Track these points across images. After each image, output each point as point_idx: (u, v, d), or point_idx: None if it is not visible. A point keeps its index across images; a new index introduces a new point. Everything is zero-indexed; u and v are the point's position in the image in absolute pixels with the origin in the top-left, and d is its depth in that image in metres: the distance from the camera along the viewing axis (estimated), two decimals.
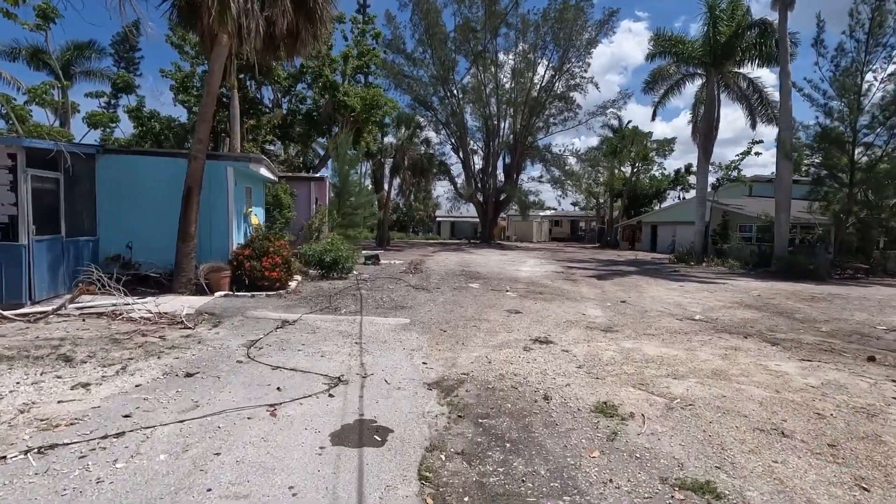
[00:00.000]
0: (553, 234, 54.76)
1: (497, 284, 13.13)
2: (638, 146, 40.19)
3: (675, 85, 24.52)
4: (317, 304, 9.04)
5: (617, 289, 13.29)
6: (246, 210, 11.07)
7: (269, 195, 14.38)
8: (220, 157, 9.90)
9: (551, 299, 10.94)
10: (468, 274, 15.58)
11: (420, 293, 10.99)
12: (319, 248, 12.34)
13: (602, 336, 7.53)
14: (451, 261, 20.95)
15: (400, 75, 33.70)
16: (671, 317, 9.45)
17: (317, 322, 7.48)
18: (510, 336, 7.19)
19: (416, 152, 27.27)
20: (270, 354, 5.62)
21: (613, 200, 43.28)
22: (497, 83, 36.33)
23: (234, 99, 19.95)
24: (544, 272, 17.24)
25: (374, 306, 9.05)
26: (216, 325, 6.99)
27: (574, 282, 14.57)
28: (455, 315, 8.54)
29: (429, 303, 9.67)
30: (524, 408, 4.37)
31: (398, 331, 7.16)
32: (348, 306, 8.91)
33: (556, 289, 12.80)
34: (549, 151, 37.78)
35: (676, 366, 5.96)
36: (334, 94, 21.34)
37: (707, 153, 22.05)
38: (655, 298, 11.77)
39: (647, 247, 35.81)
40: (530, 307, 9.72)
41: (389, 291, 11.03)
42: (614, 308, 10.18)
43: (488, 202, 38.44)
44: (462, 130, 37.30)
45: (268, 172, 11.86)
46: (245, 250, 9.47)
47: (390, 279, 13.35)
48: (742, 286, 14.44)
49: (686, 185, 44.31)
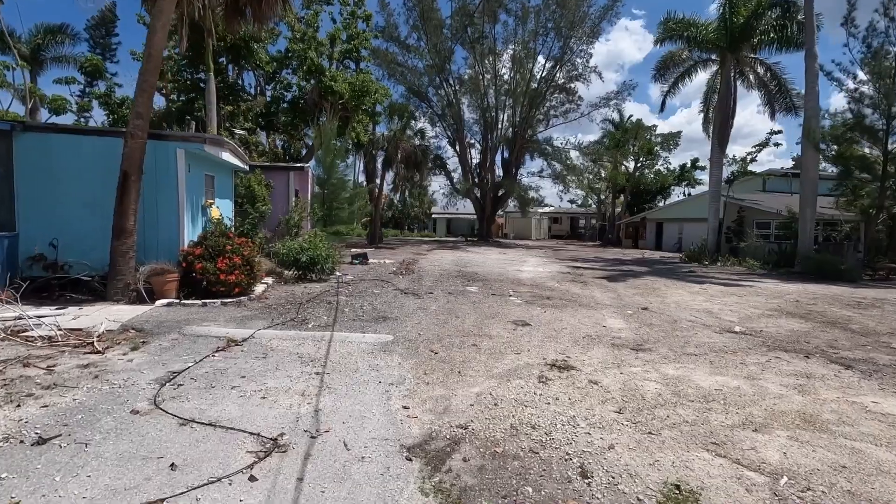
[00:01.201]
0: (552, 232, 53.25)
1: (498, 288, 11.56)
2: (641, 140, 38.66)
3: (687, 72, 22.94)
4: (281, 314, 7.44)
5: (633, 292, 11.75)
6: (205, 202, 9.46)
7: (241, 186, 12.76)
8: (166, 136, 8.28)
9: (562, 306, 9.38)
10: (465, 275, 14.00)
11: (409, 299, 9.40)
12: (294, 245, 10.73)
13: (634, 357, 5.98)
14: (446, 260, 19.36)
15: (393, 64, 31.95)
16: (707, 328, 7.93)
17: (273, 341, 5.88)
18: (519, 359, 5.63)
19: (409, 144, 25.63)
20: (189, 397, 4.02)
21: (616, 196, 41.73)
22: (495, 73, 34.71)
23: (210, 83, 18.28)
24: (549, 273, 15.68)
25: (352, 317, 7.45)
26: (137, 346, 5.38)
27: (583, 284, 13.02)
28: (450, 329, 6.96)
29: (419, 312, 8.08)
30: (554, 495, 2.81)
31: (377, 353, 5.58)
32: (319, 318, 7.31)
33: (564, 293, 11.24)
34: (550, 145, 36.20)
35: (747, 406, 4.42)
36: (320, 78, 19.67)
37: (722, 144, 20.52)
38: (680, 305, 10.23)
39: (652, 245, 34.32)
40: (539, 317, 8.15)
41: (373, 297, 9.43)
42: (637, 317, 8.64)
43: (486, 198, 36.83)
44: (459, 123, 35.66)
45: (233, 158, 10.24)
46: (196, 249, 7.85)
47: (377, 281, 11.76)
48: (772, 289, 12.92)
49: (692, 181, 42.81)
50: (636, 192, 41.14)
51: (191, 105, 21.14)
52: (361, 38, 22.54)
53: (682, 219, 31.08)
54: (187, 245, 8.16)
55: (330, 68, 20.56)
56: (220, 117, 18.66)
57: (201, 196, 9.42)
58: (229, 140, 9.93)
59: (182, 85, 21.40)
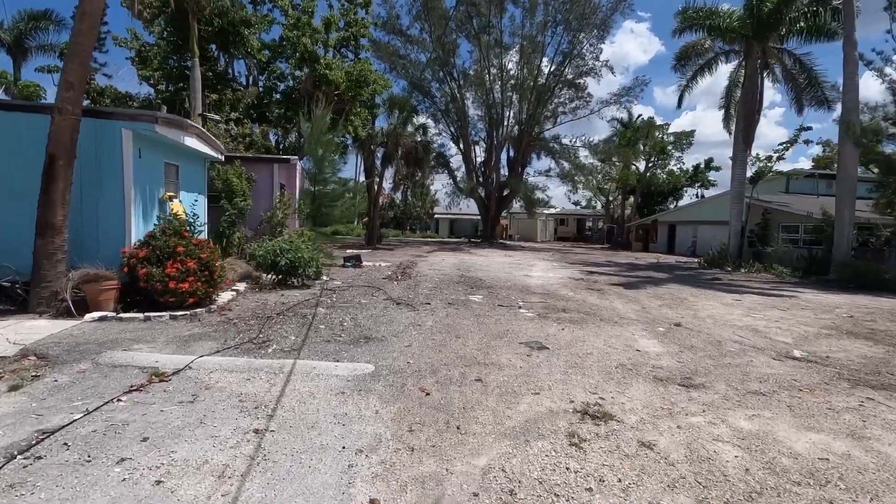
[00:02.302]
0: (558, 234, 51.70)
1: (505, 297, 10.14)
2: (652, 139, 37.12)
3: (707, 65, 21.45)
4: (240, 332, 6.04)
5: (659, 303, 10.30)
6: (164, 195, 8.08)
7: (219, 180, 11.41)
8: (109, 113, 6.87)
9: (581, 321, 7.96)
10: (468, 281, 12.59)
11: (402, 311, 7.99)
12: (271, 246, 9.34)
13: (686, 398, 4.59)
14: (447, 263, 17.95)
15: (395, 56, 30.51)
16: (760, 353, 6.51)
17: (214, 374, 4.48)
18: (540, 402, 4.23)
19: (410, 140, 24.23)
20: (37, 484, 2.61)
21: (625, 197, 40.18)
22: (502, 68, 33.24)
23: (194, 70, 16.97)
24: (559, 279, 14.25)
25: (327, 337, 6.04)
26: (20, 384, 3.98)
27: (600, 293, 11.58)
28: (448, 354, 5.55)
29: (411, 329, 6.67)
30: None
31: (348, 394, 4.17)
32: (286, 338, 5.90)
33: (581, 303, 9.81)
34: (558, 143, 34.62)
35: (881, 491, 3.01)
36: (314, 66, 18.29)
37: (747, 140, 19.02)
38: (717, 320, 8.79)
39: (664, 248, 32.79)
40: (557, 336, 6.73)
41: (359, 309, 8.02)
42: (672, 336, 7.22)
43: (490, 198, 35.36)
44: (463, 119, 34.22)
45: (202, 145, 8.89)
46: (140, 251, 6.46)
47: (367, 288, 10.36)
48: (816, 301, 11.44)
49: (705, 182, 41.11)
50: (647, 194, 39.59)
51: (178, 95, 19.83)
52: (360, 24, 21.16)
53: (697, 221, 29.58)
54: (133, 245, 6.77)
55: (325, 56, 19.18)
56: (205, 107, 17.32)
57: (159, 187, 8.04)
58: (193, 124, 8.56)
59: (168, 73, 20.10)
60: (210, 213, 11.65)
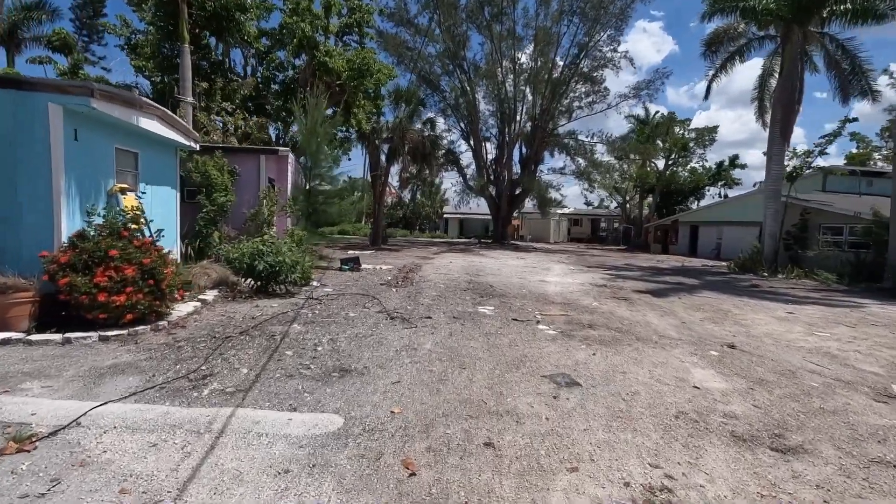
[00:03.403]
0: (572, 234, 49.91)
1: (520, 308, 8.70)
2: (672, 135, 35.28)
3: (739, 52, 19.75)
4: (179, 362, 4.69)
5: (700, 316, 8.79)
6: (113, 187, 6.79)
7: (196, 172, 10.15)
8: (32, 84, 5.58)
9: (615, 341, 6.50)
10: (477, 288, 11.17)
11: (395, 329, 6.60)
12: (246, 249, 8.01)
13: (789, 474, 3.22)
14: (455, 266, 16.54)
15: (402, 48, 29.10)
16: (850, 389, 5.06)
17: (107, 437, 3.13)
18: (581, 488, 2.84)
19: (417, 134, 22.85)
20: None
21: (643, 197, 38.36)
22: (515, 60, 31.67)
23: (184, 56, 15.78)
24: (579, 285, 12.76)
25: (291, 369, 4.67)
26: None
27: (629, 302, 10.09)
28: (448, 397, 4.15)
29: (402, 356, 5.27)
30: None
31: (294, 476, 2.79)
32: (236, 370, 4.54)
33: (609, 316, 8.33)
34: (573, 138, 32.88)
35: None
36: (313, 53, 16.99)
37: (785, 133, 17.30)
38: (777, 339, 7.28)
39: (685, 250, 31.02)
40: (589, 365, 5.29)
41: (343, 326, 6.64)
42: (730, 363, 5.78)
43: (502, 196, 33.81)
44: (473, 114, 32.70)
45: (167, 130, 7.61)
46: (62, 255, 5.16)
47: (360, 297, 8.99)
48: (885, 315, 9.81)
49: (729, 181, 39.03)
50: (666, 193, 37.72)
51: (172, 86, 18.67)
52: (364, 10, 19.85)
53: (722, 222, 27.80)
54: (60, 248, 5.47)
55: (325, 42, 17.88)
56: (195, 96, 16.13)
57: (106, 178, 6.75)
58: (153, 103, 7.23)
59: (162, 63, 18.95)
60: (187, 210, 10.39)
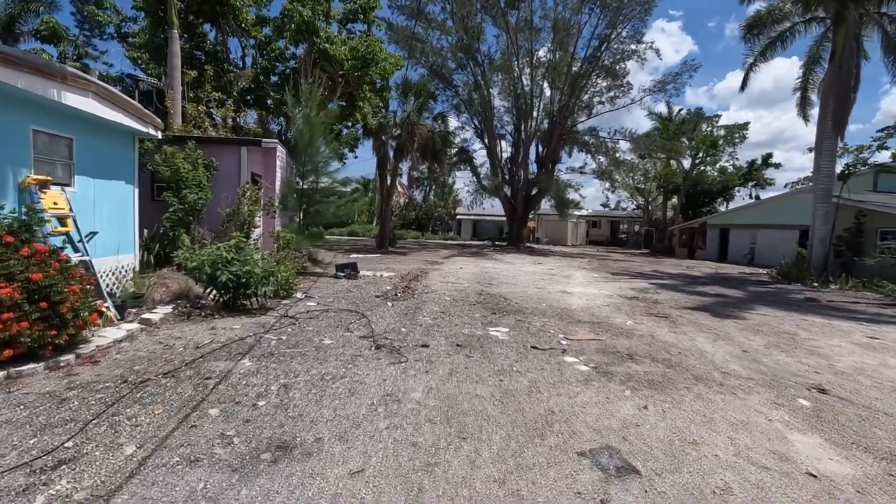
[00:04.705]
0: (590, 237, 47.86)
1: (541, 330, 7.10)
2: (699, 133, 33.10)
3: (780, 38, 17.82)
4: (45, 432, 3.23)
5: (761, 342, 7.08)
6: (25, 179, 5.39)
7: (165, 166, 8.79)
8: None
9: (668, 384, 4.87)
10: (489, 301, 9.59)
11: (376, 367, 5.07)
12: (209, 255, 6.59)
13: None
14: (466, 273, 14.97)
15: (413, 40, 27.61)
16: None
17: None
18: None
19: (427, 129, 21.38)
20: None
21: (667, 198, 36.20)
22: (532, 53, 29.99)
23: (172, 42, 14.56)
24: (607, 297, 11.09)
25: (201, 448, 3.16)
26: None
27: (670, 321, 8.41)
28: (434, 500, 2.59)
29: (378, 415, 3.73)
30: None
31: None
32: (115, 451, 3.05)
33: (650, 341, 6.68)
34: (594, 136, 31.01)
35: None
36: (313, 40, 15.62)
37: (839, 126, 15.33)
38: (872, 377, 5.59)
39: (714, 255, 28.93)
40: (642, 429, 3.68)
41: (307, 363, 5.13)
42: (832, 420, 4.17)
43: (517, 197, 32.10)
44: (488, 110, 31.10)
45: (112, 111, 6.23)
46: None
47: (346, 315, 7.49)
48: None
49: (761, 181, 36.60)
50: (692, 194, 35.50)
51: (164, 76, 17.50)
52: None
53: (756, 225, 25.72)
54: None
55: (326, 28, 16.50)
56: (184, 85, 14.88)
57: (17, 167, 5.38)
58: (82, 74, 5.81)
59: (156, 54, 17.80)
60: (157, 210, 9.04)
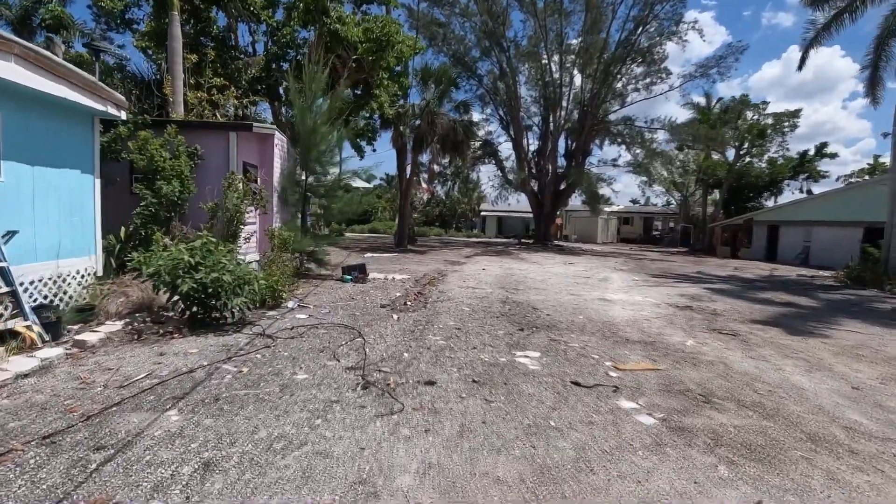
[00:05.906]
0: (622, 234, 45.52)
1: (581, 355, 5.55)
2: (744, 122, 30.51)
3: (850, 6, 15.65)
4: None
5: (871, 373, 5.35)
6: None
7: (138, 154, 7.63)
8: None
9: (775, 452, 3.27)
10: (515, 312, 8.08)
11: (356, 423, 3.65)
12: (171, 258, 5.34)
13: None
14: (489, 275, 13.48)
15: (434, 25, 26.14)
16: None
17: None
18: None
19: (448, 119, 19.95)
20: None
21: (707, 192, 33.67)
22: (561, 37, 28.07)
23: (172, 25, 13.53)
24: (654, 306, 9.43)
25: None
26: None
27: (740, 340, 6.74)
28: None
29: None
30: None
31: None
32: None
33: (726, 372, 5.05)
34: (629, 125, 28.88)
35: None
36: (322, 20, 14.37)
37: None
38: None
39: (762, 254, 26.54)
40: None
41: (260, 415, 3.75)
42: None
43: (545, 192, 30.32)
44: (514, 100, 29.37)
45: (46, 80, 5.03)
46: None
47: (338, 333, 6.12)
48: None
49: (814, 174, 33.64)
50: (735, 188, 32.89)
51: None
52: None
53: (812, 221, 23.35)
54: None
55: (338, 7, 15.23)
56: (186, 71, 13.84)
57: None
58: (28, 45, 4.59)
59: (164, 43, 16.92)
60: (133, 204, 7.90)
